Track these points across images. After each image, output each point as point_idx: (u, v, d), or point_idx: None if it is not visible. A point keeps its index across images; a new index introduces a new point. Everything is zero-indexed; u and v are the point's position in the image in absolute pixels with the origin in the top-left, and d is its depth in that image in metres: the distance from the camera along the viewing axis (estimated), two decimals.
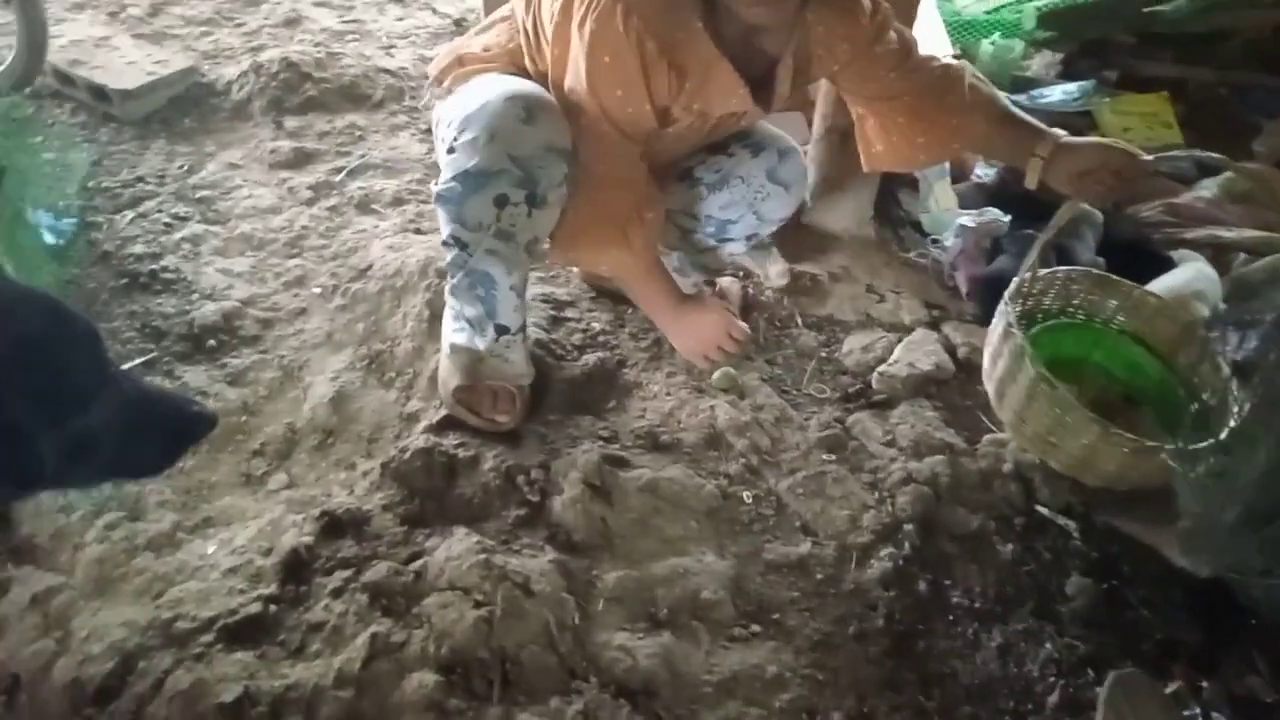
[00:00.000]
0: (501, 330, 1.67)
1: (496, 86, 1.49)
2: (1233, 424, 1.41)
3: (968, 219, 2.17)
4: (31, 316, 0.89)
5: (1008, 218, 2.17)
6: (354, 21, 3.25)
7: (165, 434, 1.05)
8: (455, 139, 1.47)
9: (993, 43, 2.83)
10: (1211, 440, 1.41)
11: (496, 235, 1.51)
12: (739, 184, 1.75)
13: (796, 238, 2.28)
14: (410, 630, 1.38)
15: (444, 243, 1.56)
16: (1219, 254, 2.20)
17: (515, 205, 1.48)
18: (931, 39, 2.79)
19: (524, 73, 1.58)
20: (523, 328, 1.71)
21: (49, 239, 2.05)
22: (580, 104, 1.47)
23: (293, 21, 3.17)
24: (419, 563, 1.48)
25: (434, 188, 1.54)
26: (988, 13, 2.95)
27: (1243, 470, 1.25)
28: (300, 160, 2.50)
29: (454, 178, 1.47)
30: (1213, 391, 1.63)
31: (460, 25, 3.29)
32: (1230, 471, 1.27)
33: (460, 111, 1.49)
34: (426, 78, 1.64)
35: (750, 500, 1.67)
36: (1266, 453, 1.25)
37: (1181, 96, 2.79)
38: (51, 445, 0.87)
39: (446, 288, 1.68)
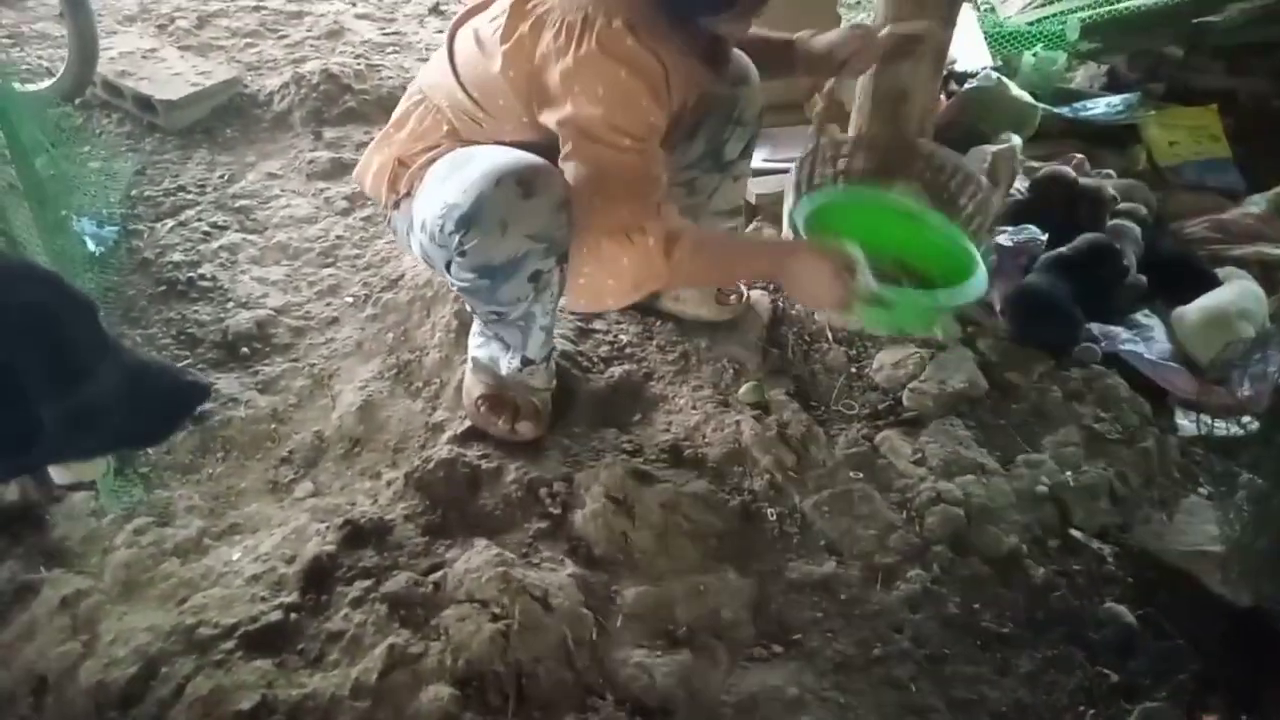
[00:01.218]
0: (527, 362, 1.68)
1: (473, 171, 1.41)
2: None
3: (1004, 237, 2.13)
4: (34, 287, 0.92)
5: (1044, 236, 2.12)
6: (395, 34, 3.29)
7: (164, 403, 1.08)
8: (461, 244, 1.42)
9: (1035, 54, 2.77)
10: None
11: (535, 294, 1.51)
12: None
13: None
14: (428, 642, 1.38)
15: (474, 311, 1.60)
16: (1267, 272, 2.14)
17: (548, 271, 1.48)
18: (972, 50, 2.75)
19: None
20: (547, 356, 1.71)
21: (91, 246, 2.09)
22: (597, 140, 1.40)
23: (335, 33, 3.22)
24: (438, 574, 1.48)
25: (451, 283, 1.53)
26: (1030, 24, 2.90)
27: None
28: (337, 171, 2.53)
29: (480, 274, 1.45)
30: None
31: None
32: (1267, 496, 1.22)
33: (445, 209, 1.42)
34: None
35: (774, 518, 1.65)
36: None
37: (1231, 110, 2.71)
38: (57, 414, 0.89)
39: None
